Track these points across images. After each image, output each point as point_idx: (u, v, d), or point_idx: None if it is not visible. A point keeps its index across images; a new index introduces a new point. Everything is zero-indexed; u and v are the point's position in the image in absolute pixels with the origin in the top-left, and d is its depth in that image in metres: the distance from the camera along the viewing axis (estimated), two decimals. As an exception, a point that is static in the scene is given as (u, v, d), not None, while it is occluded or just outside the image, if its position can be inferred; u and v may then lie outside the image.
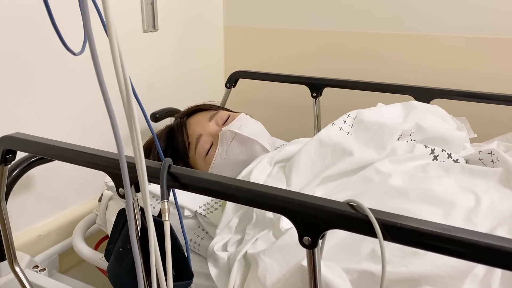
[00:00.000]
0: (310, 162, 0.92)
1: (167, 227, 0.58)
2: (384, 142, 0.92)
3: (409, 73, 1.44)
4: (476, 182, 0.84)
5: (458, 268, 0.62)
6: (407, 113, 1.04)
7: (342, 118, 1.01)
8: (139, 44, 1.37)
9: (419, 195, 0.79)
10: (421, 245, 0.48)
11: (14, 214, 0.91)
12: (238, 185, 0.60)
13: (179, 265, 0.70)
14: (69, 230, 1.17)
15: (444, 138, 0.97)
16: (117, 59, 0.42)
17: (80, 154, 0.68)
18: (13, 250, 0.83)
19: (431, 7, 1.40)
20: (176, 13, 1.50)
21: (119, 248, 0.73)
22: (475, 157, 0.95)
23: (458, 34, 1.38)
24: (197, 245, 0.90)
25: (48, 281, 0.98)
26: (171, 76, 1.52)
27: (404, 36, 1.46)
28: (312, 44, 1.61)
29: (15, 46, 1.03)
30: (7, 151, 0.74)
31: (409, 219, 0.49)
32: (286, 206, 0.55)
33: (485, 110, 1.22)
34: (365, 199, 0.79)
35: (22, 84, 1.05)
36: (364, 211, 0.50)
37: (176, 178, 0.62)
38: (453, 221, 0.73)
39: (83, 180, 1.25)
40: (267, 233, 0.79)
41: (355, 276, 0.67)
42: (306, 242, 0.53)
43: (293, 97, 1.54)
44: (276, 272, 0.71)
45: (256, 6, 1.69)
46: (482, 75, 1.37)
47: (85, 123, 1.22)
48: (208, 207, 0.92)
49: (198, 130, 1.08)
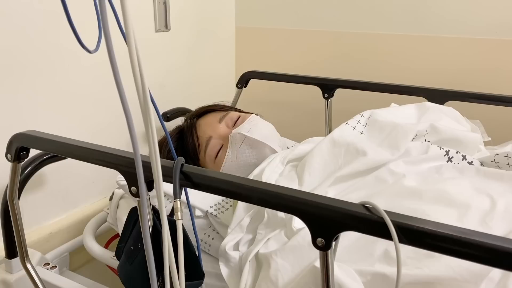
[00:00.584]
0: (323, 161, 0.91)
1: (179, 227, 0.58)
2: (398, 142, 0.91)
3: (423, 75, 1.43)
4: (492, 184, 0.83)
5: (474, 271, 0.61)
6: (421, 114, 1.03)
7: (355, 118, 1.00)
8: (151, 43, 1.37)
9: (433, 197, 0.78)
10: (437, 248, 0.47)
11: (26, 212, 0.91)
12: (251, 185, 0.59)
13: (190, 265, 0.70)
14: (80, 228, 1.17)
15: (459, 139, 0.96)
16: (134, 58, 0.42)
17: (93, 152, 0.68)
18: (25, 247, 0.84)
19: (445, 9, 1.39)
20: (188, 13, 1.50)
21: (130, 246, 0.73)
22: (490, 160, 0.94)
23: (473, 36, 1.37)
24: (208, 245, 0.90)
25: (59, 278, 0.99)
26: (183, 76, 1.52)
27: (418, 38, 1.45)
28: (324, 45, 1.61)
29: (28, 45, 1.03)
30: (20, 149, 0.75)
31: (425, 222, 0.48)
32: (300, 207, 0.54)
33: (499, 112, 1.21)
34: (378, 199, 0.79)
35: (34, 83, 1.06)
36: (379, 213, 0.49)
37: (188, 177, 0.62)
38: (468, 224, 0.72)
39: (94, 178, 1.25)
40: (279, 233, 0.79)
41: (368, 278, 0.66)
42: (319, 243, 0.52)
43: (305, 98, 1.53)
44: (288, 273, 0.70)
45: (268, 7, 1.68)
46: (497, 77, 1.35)
47: (95, 122, 1.22)
48: (219, 207, 0.92)
49: (208, 132, 1.07)
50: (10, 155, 0.75)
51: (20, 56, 1.02)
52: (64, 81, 1.13)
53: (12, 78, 1.01)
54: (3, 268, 0.98)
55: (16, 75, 1.02)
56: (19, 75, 1.03)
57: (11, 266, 0.95)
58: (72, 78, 1.15)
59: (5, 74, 1.00)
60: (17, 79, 1.02)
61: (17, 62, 1.02)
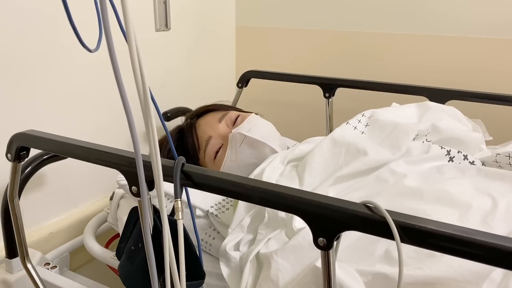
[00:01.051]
0: (323, 161, 0.91)
1: (180, 226, 0.57)
2: (399, 142, 0.91)
3: (424, 74, 1.43)
4: (493, 184, 0.83)
5: (475, 271, 0.61)
6: (422, 113, 1.02)
7: (356, 117, 1.00)
8: (151, 42, 1.37)
9: (435, 197, 0.78)
10: (439, 248, 0.47)
11: (26, 211, 0.91)
12: (252, 184, 0.59)
13: (191, 264, 0.70)
14: (80, 228, 1.17)
15: (460, 139, 0.95)
16: (134, 58, 0.41)
17: (94, 151, 0.68)
18: (25, 247, 0.84)
19: (447, 8, 1.39)
20: (189, 12, 1.50)
21: (131, 246, 0.73)
22: (491, 160, 0.94)
23: (474, 35, 1.36)
24: (209, 244, 0.89)
25: (59, 278, 0.99)
26: (183, 75, 1.52)
27: (419, 37, 1.45)
28: (325, 45, 1.60)
29: (28, 45, 1.03)
30: (20, 148, 0.74)
31: (427, 221, 0.48)
32: (301, 207, 0.54)
33: (501, 112, 1.20)
34: (379, 199, 0.78)
35: (34, 82, 1.06)
36: (381, 212, 0.49)
37: (189, 176, 0.62)
38: (469, 224, 0.72)
39: (94, 178, 1.25)
40: (279, 233, 0.79)
41: (369, 278, 0.66)
42: (321, 243, 0.52)
43: (306, 98, 1.53)
44: (289, 273, 0.70)
45: (268, 6, 1.68)
46: (498, 76, 1.35)
47: (94, 121, 1.22)
48: (220, 207, 0.92)
49: (208, 131, 1.07)
50: (10, 155, 0.75)
51: (19, 56, 1.02)
52: (64, 80, 1.13)
53: (13, 77, 1.01)
54: (3, 268, 0.98)
55: (16, 74, 1.02)
56: (19, 74, 1.02)
57: (12, 266, 0.95)
58: (72, 78, 1.14)
59: (5, 74, 1.00)
60: (17, 78, 1.02)
61: (17, 62, 1.01)
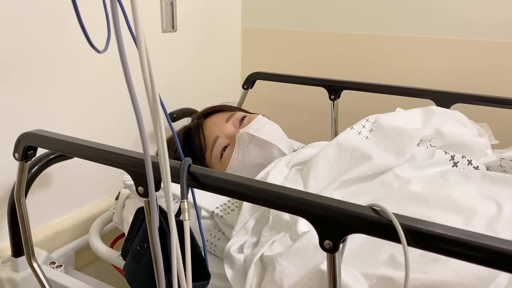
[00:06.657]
0: (328, 165, 0.91)
1: (186, 227, 0.58)
2: (403, 147, 0.91)
3: (430, 77, 1.43)
4: (498, 189, 0.82)
5: (481, 276, 0.61)
6: (426, 118, 1.02)
7: (360, 122, 1.00)
8: (158, 44, 1.38)
9: (439, 202, 0.78)
10: (446, 251, 0.47)
11: (32, 210, 0.91)
12: (258, 186, 0.59)
13: (197, 265, 0.70)
14: (86, 227, 1.18)
15: (465, 144, 0.95)
16: (143, 59, 0.42)
17: (101, 152, 0.69)
18: (31, 246, 0.84)
19: (453, 11, 1.39)
20: (195, 14, 1.50)
21: (137, 246, 0.74)
22: (496, 164, 0.93)
23: (481, 38, 1.36)
24: (214, 245, 0.90)
25: (64, 277, 0.99)
26: (189, 76, 1.53)
27: (424, 40, 1.45)
28: (330, 47, 1.61)
29: (36, 45, 1.04)
30: (28, 148, 0.75)
31: (434, 225, 0.48)
32: (307, 209, 0.54)
33: (507, 115, 1.20)
34: (384, 204, 0.78)
35: (42, 83, 1.06)
36: (387, 215, 0.49)
37: (195, 177, 0.62)
38: (474, 229, 0.70)
39: (100, 178, 1.26)
40: (283, 236, 0.79)
41: (374, 282, 0.66)
42: (326, 245, 0.52)
43: (311, 100, 1.53)
44: (294, 276, 0.70)
45: (274, 8, 1.68)
46: (505, 80, 1.35)
47: (101, 122, 1.23)
48: (225, 208, 0.92)
49: (215, 131, 1.07)
50: (17, 154, 0.75)
51: (28, 56, 1.02)
52: (72, 81, 1.13)
53: (20, 78, 1.02)
54: (9, 266, 0.98)
55: (24, 75, 1.02)
56: (27, 75, 1.03)
57: (17, 265, 0.96)
58: (79, 78, 1.15)
59: (13, 74, 1.00)
60: (25, 79, 1.03)
61: (24, 62, 1.02)
